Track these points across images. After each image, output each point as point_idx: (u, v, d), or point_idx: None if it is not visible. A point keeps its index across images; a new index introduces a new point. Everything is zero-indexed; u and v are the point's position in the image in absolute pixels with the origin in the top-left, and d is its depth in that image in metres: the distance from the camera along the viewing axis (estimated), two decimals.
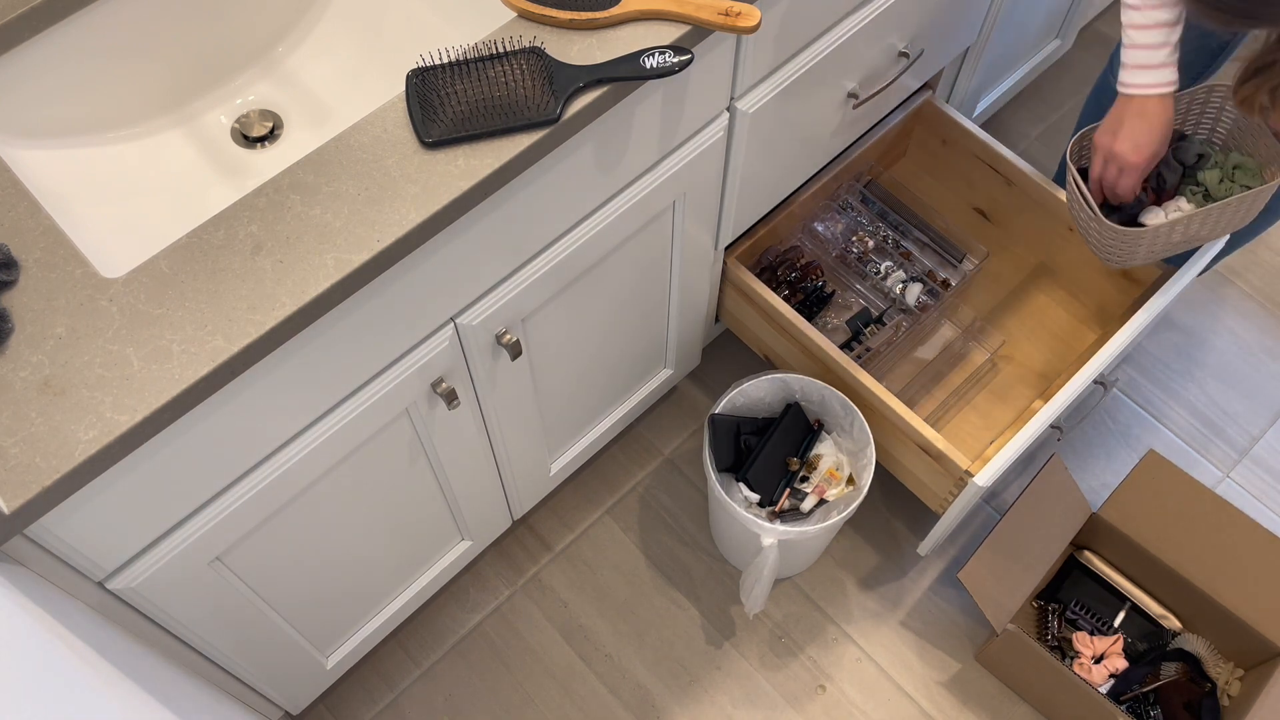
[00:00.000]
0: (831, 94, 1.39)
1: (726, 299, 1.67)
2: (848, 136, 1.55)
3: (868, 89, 1.43)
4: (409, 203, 0.92)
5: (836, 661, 1.66)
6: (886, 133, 1.69)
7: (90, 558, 0.94)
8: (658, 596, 1.70)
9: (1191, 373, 1.91)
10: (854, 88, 1.42)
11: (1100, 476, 1.81)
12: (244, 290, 0.88)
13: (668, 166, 1.23)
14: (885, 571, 1.73)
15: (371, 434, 1.13)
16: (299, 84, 1.16)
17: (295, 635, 1.34)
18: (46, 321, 0.86)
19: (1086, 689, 1.47)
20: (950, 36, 1.56)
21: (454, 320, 1.12)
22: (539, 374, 1.35)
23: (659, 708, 1.63)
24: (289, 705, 1.46)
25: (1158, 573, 1.61)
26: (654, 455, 1.82)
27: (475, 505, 1.47)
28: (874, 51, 1.39)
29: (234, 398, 0.93)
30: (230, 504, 1.03)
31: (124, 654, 0.99)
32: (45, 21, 0.99)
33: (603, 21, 1.01)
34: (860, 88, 1.42)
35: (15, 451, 0.81)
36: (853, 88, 1.41)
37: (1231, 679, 1.60)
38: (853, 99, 1.43)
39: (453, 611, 1.69)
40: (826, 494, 1.55)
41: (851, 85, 1.41)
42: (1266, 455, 1.84)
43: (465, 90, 0.96)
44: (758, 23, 1.02)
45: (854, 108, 1.44)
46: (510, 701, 1.63)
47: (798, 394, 1.59)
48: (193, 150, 1.11)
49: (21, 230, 0.90)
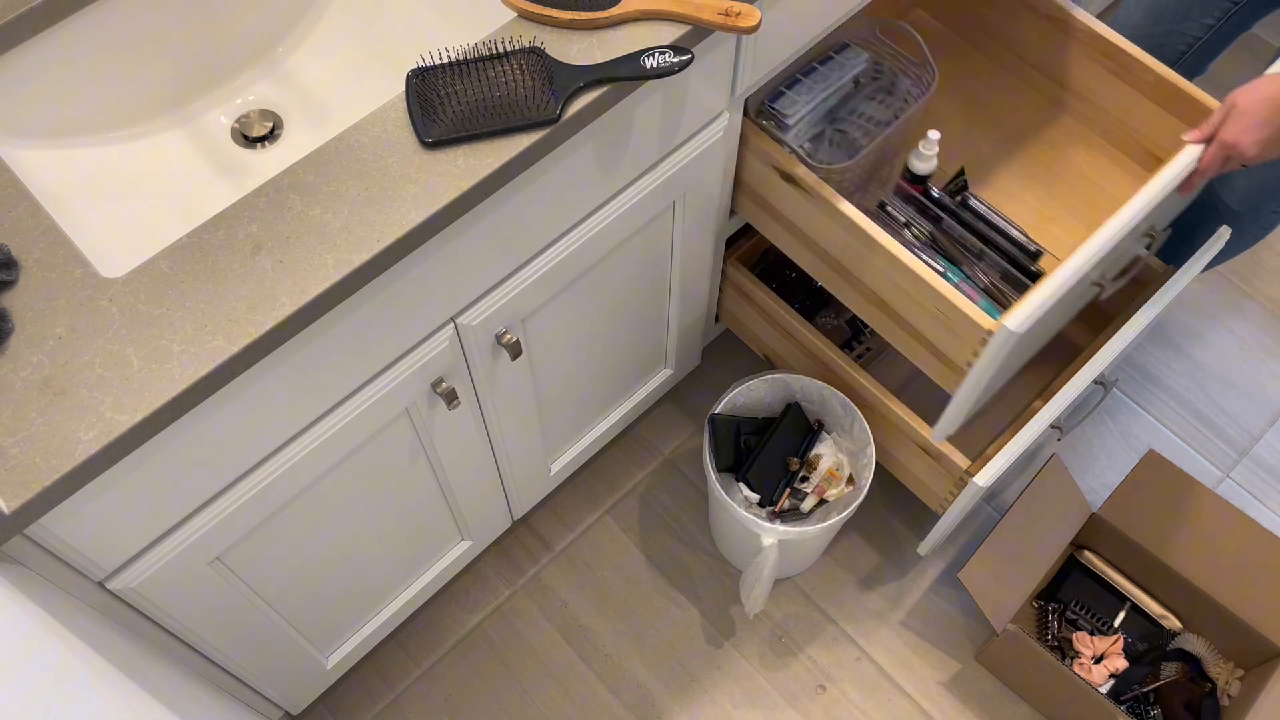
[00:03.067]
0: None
1: (726, 299, 1.67)
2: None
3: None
4: (409, 203, 0.92)
5: (836, 661, 1.66)
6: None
7: (90, 558, 0.94)
8: (658, 596, 1.70)
9: (1191, 373, 1.91)
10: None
11: (1100, 476, 1.81)
12: (244, 290, 0.88)
13: (668, 166, 1.23)
14: (885, 571, 1.73)
15: (371, 434, 1.13)
16: (299, 84, 1.16)
17: (295, 635, 1.34)
18: (46, 321, 0.86)
19: (1086, 689, 1.47)
20: None
21: (454, 320, 1.12)
22: (539, 374, 1.35)
23: (659, 708, 1.62)
24: (289, 705, 1.46)
25: (1158, 573, 1.61)
26: (654, 455, 1.82)
27: (475, 505, 1.47)
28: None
29: (234, 398, 0.93)
30: (230, 504, 1.03)
31: (124, 654, 0.99)
32: (45, 21, 0.99)
33: (603, 21, 1.01)
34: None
35: (15, 451, 0.81)
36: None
37: (1231, 679, 1.60)
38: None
39: (453, 611, 1.69)
40: (826, 494, 1.55)
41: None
42: (1266, 455, 1.84)
43: (465, 90, 0.96)
44: (758, 23, 1.02)
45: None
46: (510, 701, 1.63)
47: (798, 394, 1.59)
48: (193, 150, 1.11)
49: (21, 230, 0.90)
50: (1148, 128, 1.48)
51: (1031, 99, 1.59)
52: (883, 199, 1.45)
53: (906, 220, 1.43)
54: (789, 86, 1.39)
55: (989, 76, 1.62)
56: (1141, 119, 1.48)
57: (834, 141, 1.46)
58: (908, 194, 1.45)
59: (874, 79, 1.48)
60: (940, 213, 1.43)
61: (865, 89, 1.48)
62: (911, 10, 1.67)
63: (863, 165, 1.39)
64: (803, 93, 1.39)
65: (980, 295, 1.39)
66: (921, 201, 1.44)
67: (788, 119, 1.37)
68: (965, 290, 1.37)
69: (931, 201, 1.44)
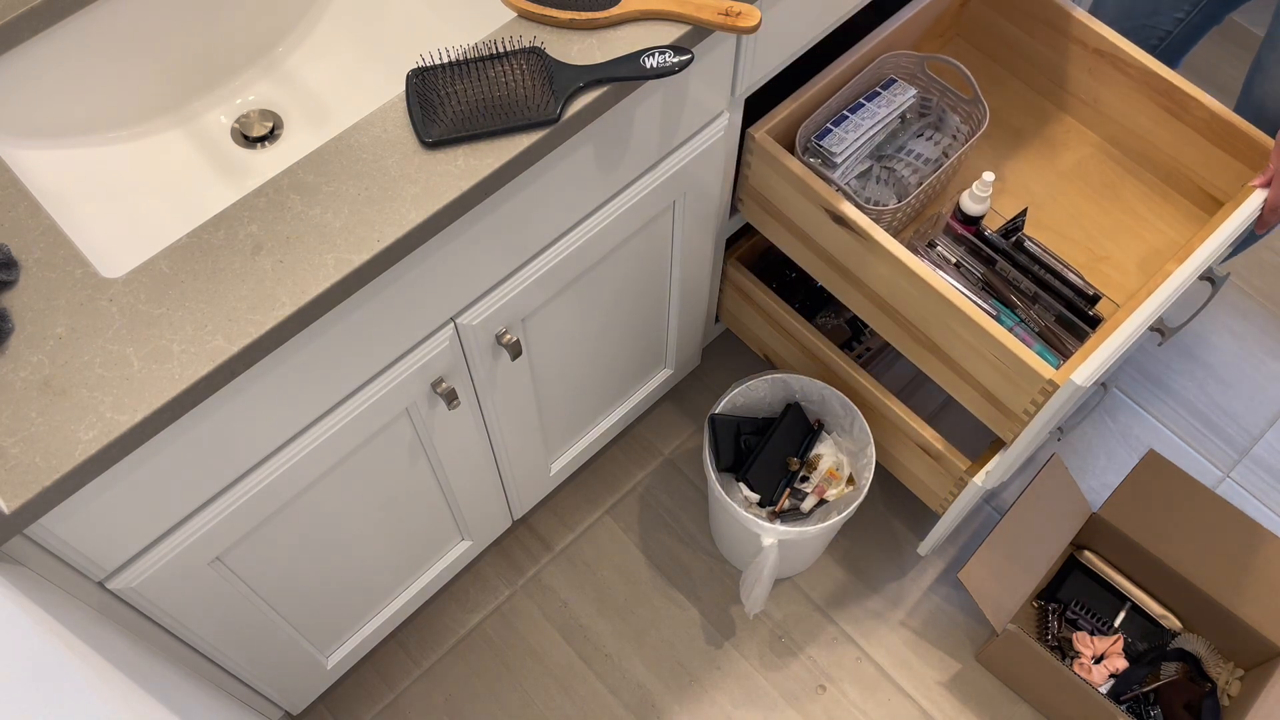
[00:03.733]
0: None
1: (726, 299, 1.67)
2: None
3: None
4: (409, 203, 0.92)
5: (836, 661, 1.66)
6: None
7: (90, 558, 0.94)
8: (658, 596, 1.70)
9: (1192, 372, 1.91)
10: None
11: (1100, 476, 1.81)
12: (244, 290, 0.88)
13: (668, 167, 1.23)
14: (885, 571, 1.73)
15: (371, 434, 1.13)
16: (299, 84, 1.16)
17: (295, 635, 1.34)
18: (46, 321, 0.86)
19: (1086, 689, 1.47)
20: None
21: (454, 320, 1.12)
22: (539, 374, 1.35)
23: (659, 708, 1.63)
24: (289, 705, 1.46)
25: (1158, 573, 1.61)
26: (654, 455, 1.82)
27: (475, 505, 1.47)
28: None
29: (234, 398, 0.93)
30: (230, 504, 1.03)
31: (124, 654, 0.99)
32: (45, 21, 0.99)
33: (603, 21, 1.01)
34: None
35: (15, 451, 0.81)
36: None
37: (1231, 679, 1.60)
38: None
39: (453, 611, 1.69)
40: (826, 494, 1.55)
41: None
42: (1266, 455, 1.84)
43: (465, 90, 0.96)
44: (758, 23, 1.02)
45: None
46: (510, 701, 1.63)
47: (798, 394, 1.59)
48: (193, 150, 1.11)
49: (21, 230, 0.90)
50: (1203, 166, 1.44)
51: (1081, 135, 1.54)
52: (933, 239, 1.42)
53: (957, 261, 1.40)
54: (836, 123, 1.37)
55: (1035, 110, 1.57)
56: (1195, 157, 1.44)
57: (881, 179, 1.44)
58: (959, 234, 1.41)
59: (922, 115, 1.46)
60: (994, 254, 1.40)
61: (913, 125, 1.46)
62: (953, 40, 1.62)
63: (912, 204, 1.38)
64: (850, 130, 1.36)
65: (1035, 340, 1.36)
66: (973, 243, 1.40)
67: (836, 156, 1.35)
68: (1020, 334, 1.34)
69: (985, 243, 1.40)
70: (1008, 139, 1.55)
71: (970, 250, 1.41)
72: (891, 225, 1.37)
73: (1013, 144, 1.54)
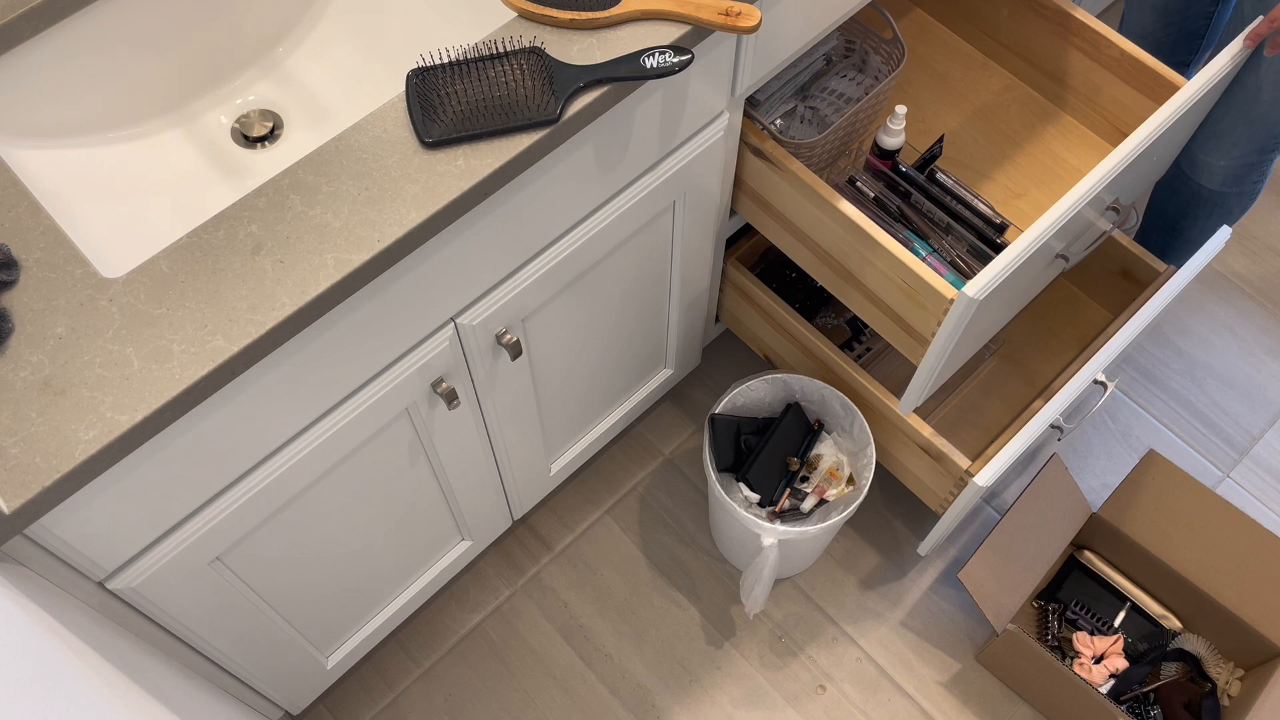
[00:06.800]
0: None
1: (726, 299, 1.67)
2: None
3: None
4: (409, 203, 0.92)
5: (836, 661, 1.66)
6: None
7: (90, 558, 0.94)
8: (658, 596, 1.70)
9: (1191, 372, 1.91)
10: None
11: (1100, 476, 1.81)
12: (244, 290, 0.88)
13: (668, 166, 1.23)
14: (885, 571, 1.73)
15: (371, 434, 1.13)
16: (299, 84, 1.16)
17: (295, 635, 1.34)
18: (47, 321, 0.86)
19: (1086, 689, 1.47)
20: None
21: (454, 320, 1.12)
22: (539, 374, 1.35)
23: (659, 708, 1.63)
24: (289, 705, 1.46)
25: (1158, 573, 1.61)
26: (654, 455, 1.82)
27: (475, 505, 1.47)
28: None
29: (234, 398, 0.93)
30: (230, 504, 1.03)
31: (124, 654, 0.99)
32: (45, 21, 0.99)
33: (603, 21, 1.01)
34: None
35: (15, 451, 0.81)
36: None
37: (1231, 679, 1.60)
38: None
39: (453, 611, 1.69)
40: (826, 494, 1.55)
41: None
42: (1266, 455, 1.84)
43: (465, 90, 0.96)
44: (758, 23, 1.02)
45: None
46: (510, 701, 1.63)
47: (798, 394, 1.59)
48: (193, 150, 1.11)
49: (21, 230, 0.90)
50: (1116, 105, 1.49)
51: (1002, 78, 1.61)
52: (853, 174, 1.46)
53: (875, 195, 1.44)
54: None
55: (961, 55, 1.63)
56: (1110, 96, 1.49)
57: (806, 119, 1.47)
58: (877, 169, 1.46)
59: (845, 56, 1.50)
60: (908, 187, 1.44)
61: (837, 66, 1.49)
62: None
63: (833, 141, 1.40)
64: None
65: (948, 269, 1.41)
66: (890, 176, 1.45)
67: (759, 96, 1.38)
68: (933, 264, 1.39)
69: (900, 176, 1.45)
70: (933, 83, 1.61)
71: (888, 185, 1.46)
72: (811, 161, 1.40)
73: (937, 87, 1.61)
